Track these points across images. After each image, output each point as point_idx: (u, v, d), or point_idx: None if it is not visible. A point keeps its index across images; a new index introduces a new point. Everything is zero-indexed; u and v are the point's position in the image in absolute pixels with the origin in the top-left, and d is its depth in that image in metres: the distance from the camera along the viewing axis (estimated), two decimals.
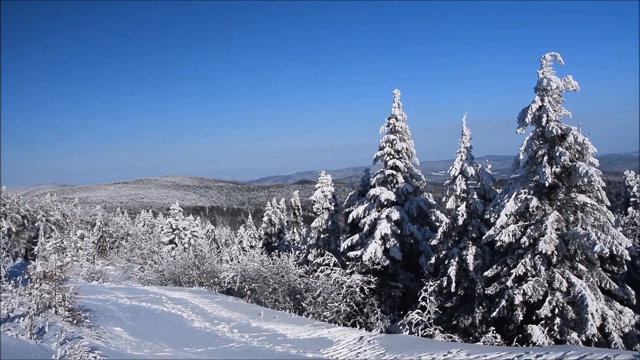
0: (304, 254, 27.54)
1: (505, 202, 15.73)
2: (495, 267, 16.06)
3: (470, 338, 16.68)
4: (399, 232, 20.88)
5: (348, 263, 21.56)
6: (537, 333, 14.31)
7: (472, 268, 17.13)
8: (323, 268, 20.85)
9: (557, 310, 14.58)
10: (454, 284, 17.36)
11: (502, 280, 15.60)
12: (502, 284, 15.53)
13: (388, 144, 22.12)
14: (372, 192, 21.84)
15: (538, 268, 14.81)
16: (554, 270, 14.80)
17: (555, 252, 14.66)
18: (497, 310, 15.33)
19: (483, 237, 16.54)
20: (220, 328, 16.74)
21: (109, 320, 16.08)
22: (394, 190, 21.71)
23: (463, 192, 18.35)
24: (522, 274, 14.97)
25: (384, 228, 20.51)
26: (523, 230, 15.42)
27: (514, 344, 14.42)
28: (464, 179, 18.44)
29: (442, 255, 18.63)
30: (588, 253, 14.52)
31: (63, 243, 45.99)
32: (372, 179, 22.94)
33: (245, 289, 23.13)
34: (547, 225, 14.63)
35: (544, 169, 14.87)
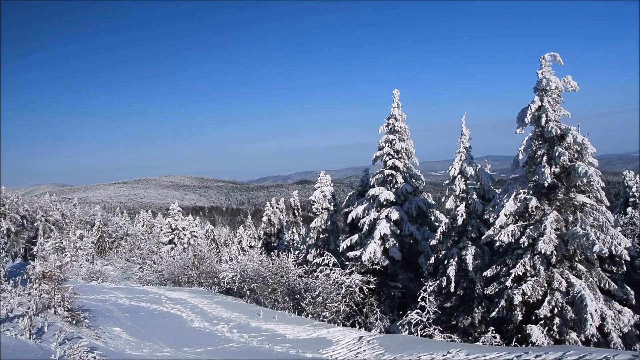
0: (303, 254, 27.53)
1: (505, 202, 15.74)
2: (495, 267, 16.07)
3: (470, 338, 16.68)
4: (398, 232, 20.89)
5: (347, 263, 21.55)
6: (536, 333, 14.32)
7: (471, 268, 17.14)
8: (322, 268, 20.84)
9: (556, 310, 14.59)
10: (453, 284, 17.37)
11: (501, 280, 15.61)
12: (501, 284, 15.54)
13: (387, 144, 22.12)
14: (371, 192, 21.84)
15: (537, 268, 14.81)
16: (553, 270, 14.81)
17: (555, 252, 14.67)
18: (496, 310, 15.34)
19: (482, 237, 16.55)
20: (220, 328, 16.73)
21: (108, 320, 16.08)
22: (394, 190, 21.71)
23: (462, 192, 18.36)
24: (521, 274, 14.98)
25: (383, 228, 20.52)
26: (522, 230, 15.43)
27: (514, 344, 14.42)
28: (464, 179, 18.45)
29: (441, 255, 18.64)
30: (587, 253, 14.53)
31: (62, 243, 45.89)
32: (371, 179, 22.93)
33: (245, 289, 23.11)
34: (546, 225, 14.64)
35: (543, 169, 14.88)
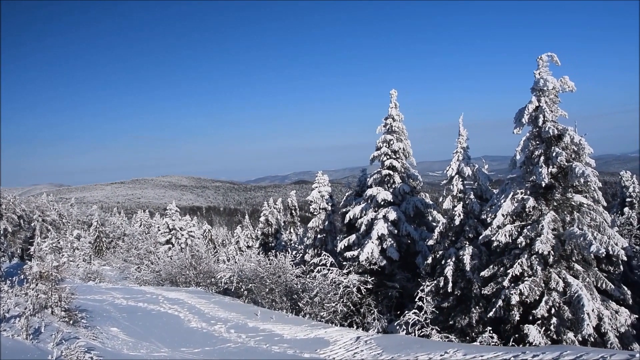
0: (301, 254, 27.54)
1: (502, 202, 15.75)
2: (492, 267, 16.07)
3: (467, 338, 16.69)
4: (396, 232, 20.89)
5: (345, 263, 21.55)
6: (533, 333, 14.33)
7: (468, 268, 17.15)
8: (320, 268, 20.85)
9: (553, 310, 14.61)
10: (451, 284, 17.37)
11: (498, 280, 15.62)
12: (498, 284, 15.55)
13: (385, 144, 22.13)
14: (369, 192, 21.84)
15: (534, 268, 14.83)
16: (551, 270, 14.82)
17: (552, 252, 14.68)
18: (493, 310, 15.35)
19: (480, 237, 16.57)
20: (217, 328, 16.72)
21: (106, 321, 16.06)
22: (391, 191, 21.71)
23: (460, 192, 18.37)
24: (518, 274, 14.99)
25: (381, 228, 20.51)
26: (520, 231, 15.44)
27: (511, 344, 14.42)
28: (461, 179, 18.46)
29: (438, 255, 18.64)
30: (584, 253, 14.55)
31: (59, 243, 45.75)
32: (369, 179, 22.93)
33: (242, 289, 23.11)
34: (543, 226, 14.66)
35: (541, 169, 14.90)
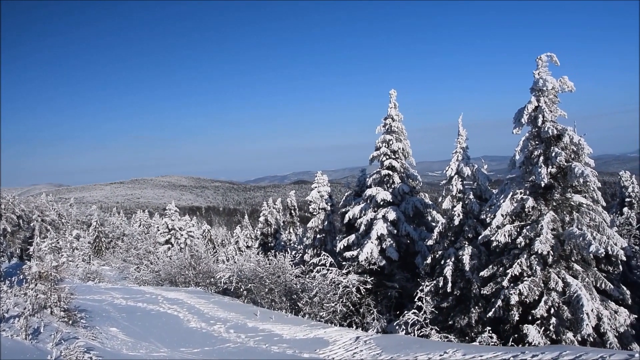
0: (301, 254, 27.56)
1: (501, 202, 15.76)
2: (491, 267, 16.08)
3: (467, 338, 16.70)
4: (395, 232, 20.90)
5: (344, 263, 21.56)
6: (533, 333, 14.34)
7: (468, 268, 17.15)
8: (319, 268, 20.85)
9: (552, 310, 14.61)
10: (450, 284, 17.38)
11: (498, 281, 15.63)
12: (498, 284, 15.56)
13: (384, 144, 22.13)
14: (368, 192, 21.84)
15: (534, 268, 14.83)
16: (550, 270, 14.83)
17: (551, 252, 14.69)
18: (493, 310, 15.35)
19: (479, 237, 16.57)
20: (217, 328, 16.71)
21: (105, 321, 16.04)
22: (390, 191, 21.72)
23: (459, 192, 18.37)
24: (518, 274, 15.00)
25: (380, 228, 20.51)
26: (519, 231, 15.44)
27: (510, 344, 14.43)
28: (460, 179, 18.46)
29: (438, 256, 18.64)
30: (584, 253, 14.56)
31: (59, 243, 45.72)
32: (368, 179, 22.94)
33: (242, 289, 23.10)
34: (542, 226, 14.66)
35: (540, 169, 14.90)
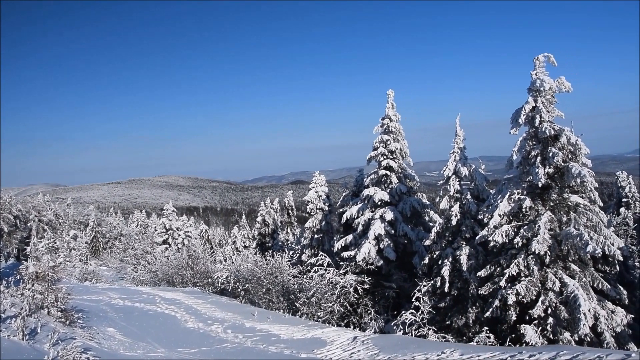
0: (298, 254, 27.55)
1: (499, 202, 15.78)
2: (489, 267, 16.10)
3: (464, 338, 16.72)
4: (393, 232, 20.91)
5: (342, 263, 21.56)
6: (530, 333, 14.36)
7: (465, 268, 17.17)
8: (317, 268, 20.83)
9: (550, 310, 14.64)
10: (448, 284, 17.39)
11: (495, 281, 15.65)
12: (495, 284, 15.58)
13: (382, 145, 22.14)
14: (365, 192, 21.85)
15: (531, 268, 14.86)
16: (547, 271, 14.85)
17: (548, 252, 14.72)
18: (490, 310, 15.37)
19: (476, 237, 16.58)
20: (214, 328, 16.69)
21: (102, 321, 16.01)
22: (388, 191, 21.73)
23: (456, 192, 18.39)
24: (515, 274, 15.01)
25: (378, 228, 20.52)
26: (516, 231, 15.46)
27: (507, 344, 14.45)
28: (458, 180, 18.48)
29: (435, 256, 18.66)
30: (581, 253, 14.58)
31: (56, 243, 45.75)
32: (365, 180, 22.95)
33: (239, 290, 23.08)
34: (540, 226, 14.69)
35: (537, 170, 14.92)
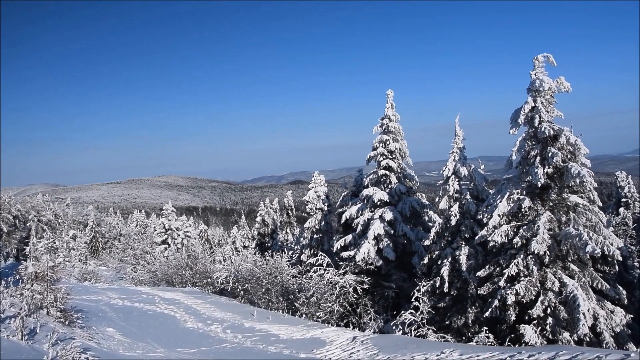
0: (297, 254, 27.54)
1: (498, 202, 15.78)
2: (488, 267, 16.10)
3: (463, 338, 16.72)
4: (392, 232, 20.91)
5: (341, 263, 21.55)
6: (529, 333, 14.37)
7: (464, 268, 17.18)
8: (316, 268, 20.83)
9: (549, 310, 14.65)
10: (447, 284, 17.40)
11: (494, 281, 15.65)
12: (494, 284, 15.58)
13: (381, 145, 22.13)
14: (365, 192, 21.85)
15: (530, 268, 14.86)
16: (546, 271, 14.86)
17: (548, 252, 14.73)
18: (489, 310, 15.38)
19: (476, 237, 16.58)
20: (213, 328, 16.69)
21: (101, 321, 16.01)
22: (387, 191, 21.73)
23: (456, 192, 18.40)
24: (514, 274, 15.02)
25: (377, 228, 20.53)
26: (515, 231, 15.47)
27: (507, 344, 14.46)
28: (457, 180, 18.48)
29: (435, 256, 18.66)
30: (580, 253, 14.59)
31: (55, 243, 45.69)
32: (365, 180, 22.94)
33: (239, 290, 23.08)
34: (539, 226, 14.69)
35: (537, 170, 14.93)
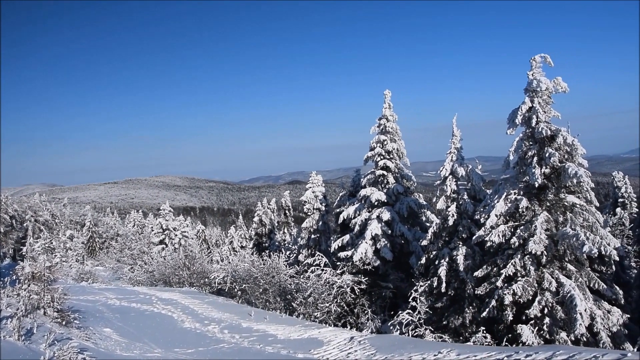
0: (295, 255, 27.51)
1: (495, 202, 15.81)
2: (485, 267, 16.13)
3: (461, 338, 16.75)
4: (390, 232, 20.91)
5: (339, 263, 21.55)
6: (526, 333, 14.39)
7: (462, 268, 17.20)
8: (314, 268, 20.84)
9: (546, 310, 14.68)
10: (444, 284, 17.42)
11: (492, 281, 15.68)
12: (492, 284, 15.61)
13: (379, 145, 22.15)
14: (362, 192, 21.85)
15: (528, 268, 14.89)
16: (544, 271, 14.89)
17: (545, 252, 14.76)
18: (487, 310, 15.40)
19: (473, 237, 16.62)
20: (211, 329, 16.67)
21: (99, 321, 15.97)
22: (385, 191, 21.74)
23: (453, 192, 18.42)
24: (511, 274, 15.05)
25: (375, 228, 20.54)
26: (513, 231, 15.50)
27: (504, 344, 14.49)
28: (455, 180, 18.51)
29: (432, 256, 18.68)
30: (577, 253, 14.63)
31: (52, 243, 45.52)
32: (362, 180, 22.95)
33: (236, 290, 23.05)
34: (536, 226, 14.72)
35: (534, 170, 14.96)
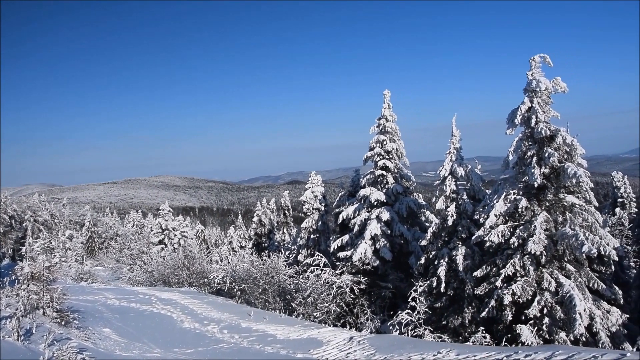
0: (294, 255, 27.53)
1: (495, 202, 15.81)
2: (485, 267, 16.14)
3: (460, 338, 16.75)
4: (389, 232, 20.92)
5: (338, 263, 21.56)
6: (526, 333, 14.40)
7: (461, 268, 17.20)
8: (313, 268, 20.84)
9: (545, 310, 14.68)
10: (444, 284, 17.42)
11: (491, 281, 15.68)
12: (491, 284, 15.61)
13: (378, 145, 22.15)
14: (362, 192, 21.85)
15: (527, 268, 14.90)
16: (543, 271, 14.90)
17: (544, 252, 14.76)
18: (486, 310, 15.41)
19: (472, 237, 16.62)
20: (210, 329, 16.66)
21: (98, 321, 15.96)
22: (384, 191, 21.74)
23: (453, 192, 18.42)
24: (511, 274, 15.06)
25: (374, 228, 20.54)
26: (512, 231, 15.50)
27: (503, 344, 14.49)
28: (454, 180, 18.51)
29: (431, 256, 18.69)
30: (576, 253, 14.63)
31: (51, 243, 45.49)
32: (362, 180, 22.95)
33: (235, 290, 23.05)
34: (536, 226, 14.72)
35: (533, 170, 14.97)
